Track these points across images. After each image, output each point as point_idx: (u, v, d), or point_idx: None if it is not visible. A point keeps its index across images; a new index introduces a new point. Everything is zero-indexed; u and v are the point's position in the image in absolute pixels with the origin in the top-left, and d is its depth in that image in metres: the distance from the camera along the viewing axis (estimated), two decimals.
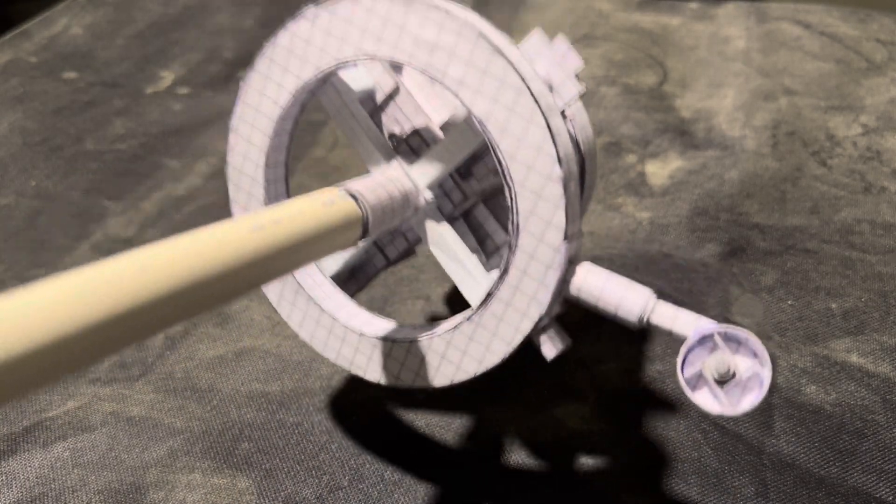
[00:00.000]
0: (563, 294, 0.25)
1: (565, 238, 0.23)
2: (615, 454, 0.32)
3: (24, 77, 0.63)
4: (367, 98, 0.29)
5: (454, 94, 0.24)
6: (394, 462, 0.32)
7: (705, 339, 0.22)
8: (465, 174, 0.28)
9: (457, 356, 0.26)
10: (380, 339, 0.27)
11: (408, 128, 0.28)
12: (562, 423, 0.33)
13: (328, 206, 0.21)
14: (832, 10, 0.69)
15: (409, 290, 0.41)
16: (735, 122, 0.55)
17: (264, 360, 0.37)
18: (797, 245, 0.43)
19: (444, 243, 0.28)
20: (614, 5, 0.74)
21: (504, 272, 0.24)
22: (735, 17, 0.70)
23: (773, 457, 0.31)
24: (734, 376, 0.22)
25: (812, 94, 0.57)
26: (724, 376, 0.22)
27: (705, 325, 0.23)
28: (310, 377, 0.36)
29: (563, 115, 0.24)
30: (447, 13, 0.23)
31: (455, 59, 0.23)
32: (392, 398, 0.34)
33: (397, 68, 0.29)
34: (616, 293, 0.24)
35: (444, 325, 0.26)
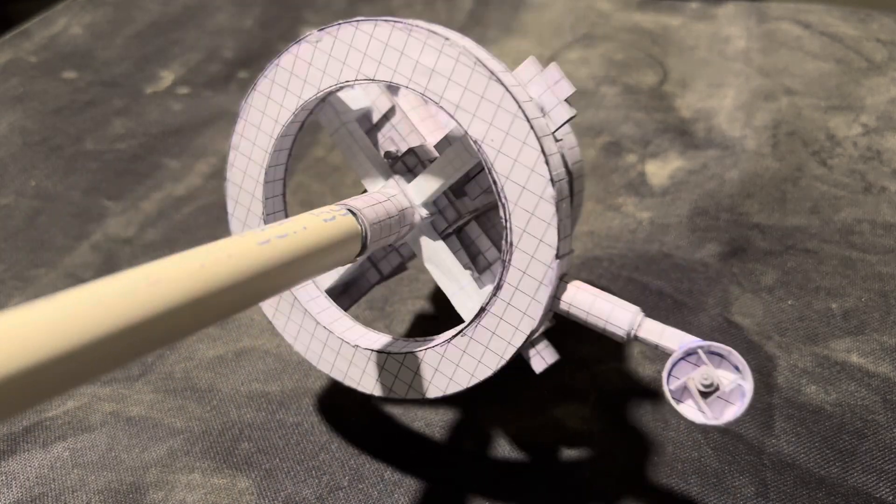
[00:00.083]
0: (553, 309, 0.26)
1: (557, 256, 0.24)
2: (615, 454, 0.32)
3: (23, 77, 0.63)
4: (363, 117, 0.30)
5: (451, 116, 0.24)
6: (394, 462, 0.32)
7: (690, 354, 0.23)
8: (458, 193, 0.29)
9: (450, 369, 0.27)
10: (374, 352, 0.28)
11: (403, 147, 0.29)
12: (562, 423, 0.33)
13: (329, 222, 0.22)
14: (832, 10, 0.69)
15: (408, 290, 0.41)
16: (735, 121, 0.55)
17: (264, 360, 0.37)
18: (797, 245, 0.43)
19: (439, 259, 0.28)
20: (614, 5, 0.74)
21: (497, 288, 0.25)
22: (735, 17, 0.70)
23: (774, 457, 0.31)
24: (717, 389, 0.23)
25: (812, 94, 0.57)
26: (707, 389, 0.23)
27: (690, 340, 0.24)
28: (310, 377, 0.36)
29: (554, 138, 0.25)
30: (446, 40, 0.24)
31: (453, 83, 0.24)
32: (392, 398, 0.34)
33: (393, 89, 0.30)
34: (605, 309, 0.25)
35: (437, 339, 0.27)
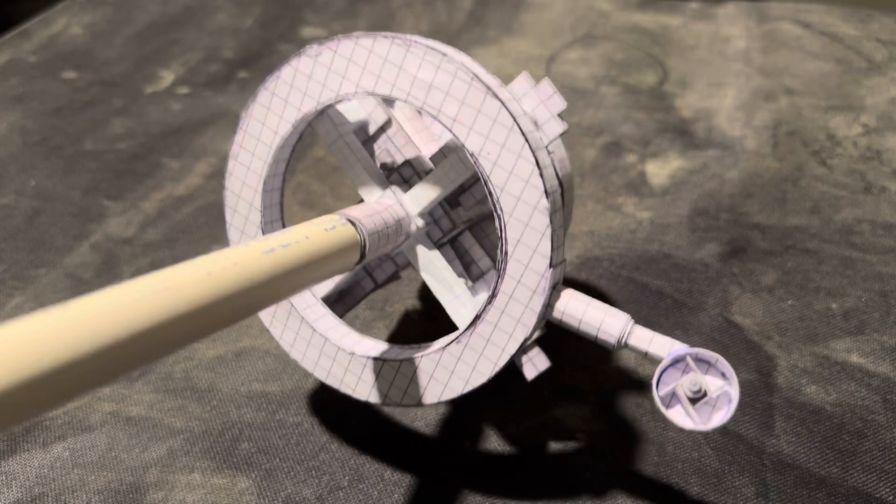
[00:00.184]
0: (546, 317, 0.26)
1: (550, 265, 0.25)
2: (615, 454, 0.32)
3: (23, 77, 0.63)
4: (359, 129, 0.30)
5: (449, 129, 0.25)
6: (394, 462, 0.32)
7: (678, 361, 0.24)
8: (453, 203, 0.30)
9: (445, 375, 0.27)
10: (370, 359, 0.28)
11: (399, 158, 0.30)
12: (562, 423, 0.33)
13: (330, 231, 0.23)
14: (832, 10, 0.69)
15: (408, 290, 0.41)
16: (735, 121, 0.55)
17: (264, 360, 0.37)
18: (797, 245, 0.43)
19: (434, 268, 0.29)
20: (614, 5, 0.74)
21: (492, 296, 0.25)
22: (735, 17, 0.70)
23: (774, 457, 0.31)
24: (705, 395, 0.23)
25: (812, 94, 0.57)
26: (696, 395, 0.23)
27: (679, 348, 0.24)
28: (310, 377, 0.36)
29: (547, 151, 0.25)
30: (444, 56, 0.24)
31: (451, 98, 0.25)
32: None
33: (389, 102, 0.31)
34: (597, 317, 0.26)
35: (433, 346, 0.27)
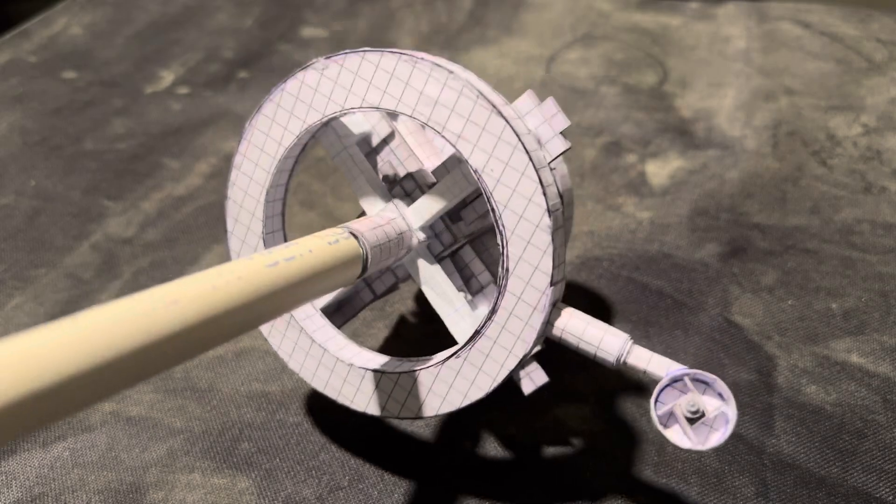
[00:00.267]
0: (546, 334, 0.26)
1: (551, 283, 0.25)
2: (615, 454, 0.32)
3: (23, 77, 0.63)
4: (362, 141, 0.30)
5: (453, 146, 0.25)
6: (394, 462, 0.32)
7: (676, 381, 0.24)
8: (454, 217, 0.30)
9: (443, 389, 0.27)
10: (368, 371, 0.28)
11: (401, 171, 0.30)
12: (562, 423, 0.33)
13: (333, 245, 0.23)
14: (832, 10, 0.69)
15: (409, 291, 0.41)
16: (735, 121, 0.55)
17: (264, 360, 0.37)
18: (797, 245, 0.43)
19: (435, 282, 0.29)
20: (614, 5, 0.74)
21: (493, 312, 0.26)
22: (735, 17, 0.70)
23: (774, 457, 0.31)
24: (703, 415, 0.24)
25: (812, 94, 0.57)
26: (693, 415, 0.24)
27: (676, 368, 0.25)
28: None
29: (550, 169, 0.26)
30: (450, 73, 0.25)
31: (456, 115, 0.25)
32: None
33: (393, 115, 0.31)
34: (596, 336, 0.26)
35: (432, 360, 0.27)
